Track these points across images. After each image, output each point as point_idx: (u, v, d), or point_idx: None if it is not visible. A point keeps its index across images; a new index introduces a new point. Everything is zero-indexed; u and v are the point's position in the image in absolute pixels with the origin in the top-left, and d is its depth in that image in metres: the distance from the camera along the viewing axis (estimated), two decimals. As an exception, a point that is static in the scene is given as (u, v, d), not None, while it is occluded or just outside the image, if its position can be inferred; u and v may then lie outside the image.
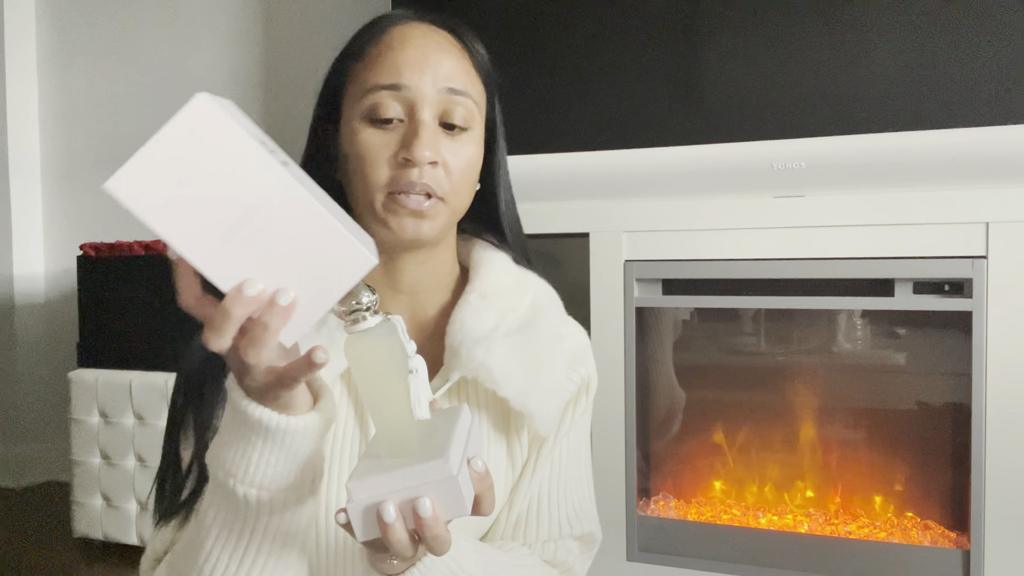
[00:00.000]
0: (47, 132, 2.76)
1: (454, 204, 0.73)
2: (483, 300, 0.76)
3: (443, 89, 0.71)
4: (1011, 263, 1.39)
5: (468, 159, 0.73)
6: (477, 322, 0.74)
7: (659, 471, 1.76)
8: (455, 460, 0.52)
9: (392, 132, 0.70)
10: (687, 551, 1.62)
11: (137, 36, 2.61)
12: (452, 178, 0.71)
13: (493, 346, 0.73)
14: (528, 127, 1.71)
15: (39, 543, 2.15)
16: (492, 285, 0.77)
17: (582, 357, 0.81)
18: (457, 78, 0.72)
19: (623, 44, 1.67)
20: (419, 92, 0.70)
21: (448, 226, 0.74)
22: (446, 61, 0.72)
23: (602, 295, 1.64)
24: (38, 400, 2.71)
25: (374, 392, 0.55)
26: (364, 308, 0.53)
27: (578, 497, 0.81)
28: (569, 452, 0.80)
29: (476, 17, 1.80)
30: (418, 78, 0.70)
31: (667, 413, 1.74)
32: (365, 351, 0.54)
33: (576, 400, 0.80)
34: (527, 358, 0.74)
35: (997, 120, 1.42)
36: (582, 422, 0.82)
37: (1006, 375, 1.39)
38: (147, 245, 2.06)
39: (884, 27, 1.49)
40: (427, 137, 0.69)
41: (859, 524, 1.58)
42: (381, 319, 0.54)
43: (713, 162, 1.59)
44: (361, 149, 0.70)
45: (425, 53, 0.71)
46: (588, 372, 0.81)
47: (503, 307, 0.77)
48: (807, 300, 1.54)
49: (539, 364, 0.74)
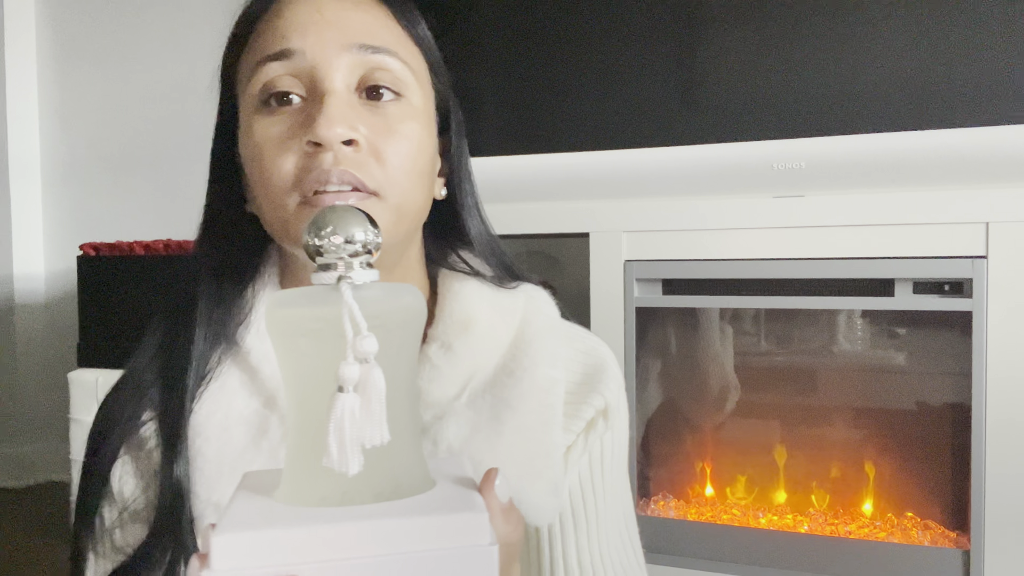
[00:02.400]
0: (47, 132, 2.76)
1: (396, 202, 0.53)
2: (447, 354, 0.57)
3: (353, 47, 0.52)
4: (1011, 263, 1.39)
5: (407, 139, 0.53)
6: (437, 390, 0.56)
7: (659, 471, 1.76)
8: (480, 516, 0.31)
9: (291, 116, 0.52)
10: (687, 551, 1.62)
11: (137, 36, 2.61)
12: (386, 164, 0.52)
13: (447, 425, 0.54)
14: (528, 127, 1.71)
15: (39, 543, 2.15)
16: (460, 328, 0.58)
17: (593, 383, 0.61)
18: (373, 33, 0.54)
19: (623, 44, 1.66)
20: (317, 55, 0.52)
21: (395, 239, 0.54)
22: (352, 13, 0.54)
23: (602, 295, 1.64)
24: (38, 400, 2.71)
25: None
26: (364, 250, 0.35)
27: (615, 555, 0.61)
28: (593, 498, 0.60)
29: (476, 17, 1.80)
30: (314, 39, 0.52)
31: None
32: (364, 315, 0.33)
33: (590, 427, 0.60)
34: (498, 433, 0.55)
35: (997, 120, 1.42)
36: (598, 453, 0.60)
37: (1006, 375, 1.39)
38: (147, 245, 2.06)
39: (884, 27, 1.49)
40: (336, 108, 0.50)
41: (859, 524, 1.58)
42: (375, 275, 0.36)
43: (713, 162, 1.59)
44: (255, 147, 0.53)
45: (319, 7, 0.53)
46: (604, 399, 0.60)
47: (474, 359, 0.58)
48: (807, 300, 1.54)
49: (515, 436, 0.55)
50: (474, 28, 1.82)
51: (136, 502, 0.56)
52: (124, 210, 2.66)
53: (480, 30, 1.82)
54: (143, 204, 2.63)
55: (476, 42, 1.80)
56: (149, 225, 2.59)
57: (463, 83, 0.69)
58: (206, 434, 0.54)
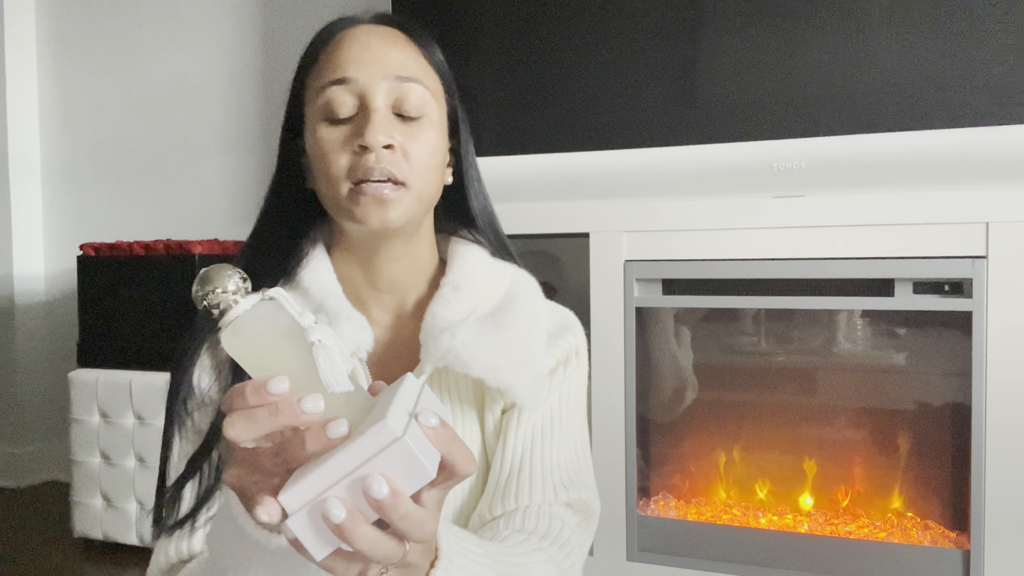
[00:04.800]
0: (47, 132, 2.76)
1: (418, 189, 0.73)
2: (455, 292, 0.77)
3: (392, 78, 0.72)
4: (1011, 263, 1.39)
5: (427, 143, 0.73)
6: (447, 312, 0.75)
7: (659, 471, 1.76)
8: (398, 421, 0.45)
9: (348, 126, 0.72)
10: (687, 551, 1.62)
11: (137, 36, 2.61)
12: (412, 162, 0.72)
13: (458, 330, 0.73)
14: (528, 127, 1.71)
15: (39, 543, 2.15)
16: (465, 277, 0.78)
17: (564, 331, 0.82)
18: (405, 67, 0.73)
19: (623, 44, 1.67)
20: (367, 82, 0.71)
21: (416, 215, 0.75)
22: (393, 52, 0.74)
23: (602, 295, 1.64)
24: (38, 400, 2.71)
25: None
26: (231, 293, 0.48)
27: (569, 463, 0.81)
28: (560, 415, 0.80)
29: (477, 19, 1.80)
30: (365, 70, 0.72)
31: (676, 396, 1.74)
32: (244, 342, 0.47)
33: (563, 364, 0.81)
34: (498, 337, 0.74)
35: (997, 120, 1.42)
36: (567, 387, 0.81)
37: (1006, 375, 1.39)
38: (147, 245, 2.06)
39: (884, 27, 1.49)
40: (379, 122, 0.70)
41: (859, 524, 1.58)
42: (256, 299, 0.48)
43: (713, 162, 1.59)
44: (320, 146, 0.72)
45: (370, 46, 0.73)
46: (573, 342, 0.81)
47: (475, 298, 0.78)
48: (807, 300, 1.54)
49: (510, 340, 0.75)
50: (474, 28, 1.82)
51: (211, 391, 0.72)
52: (124, 210, 2.66)
53: (480, 30, 1.82)
54: (143, 204, 2.63)
55: (476, 42, 1.80)
56: (149, 225, 2.60)
57: (463, 83, 0.80)
58: None
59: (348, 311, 0.74)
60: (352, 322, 0.73)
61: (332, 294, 0.75)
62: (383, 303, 0.79)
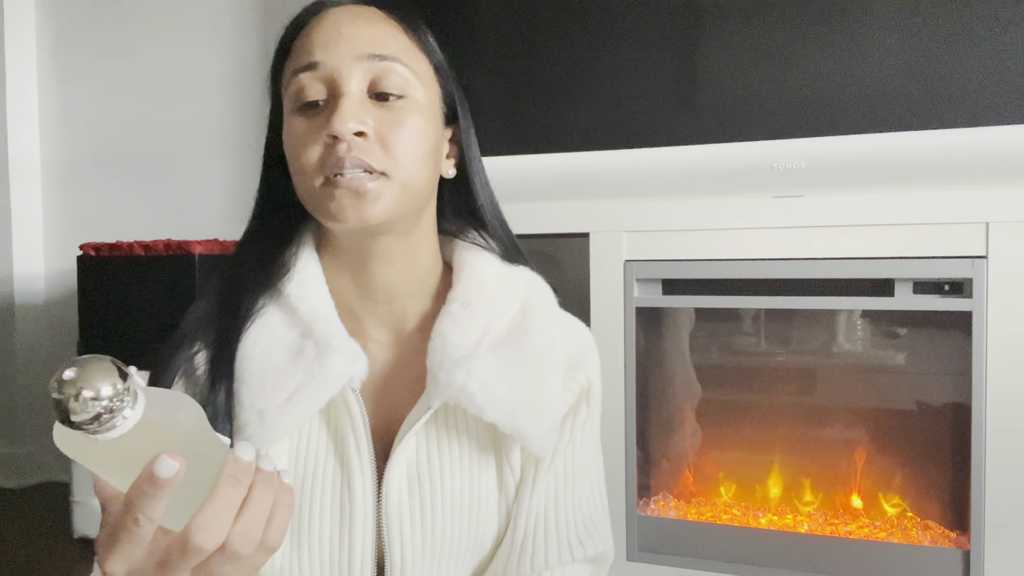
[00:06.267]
0: (47, 132, 2.76)
1: (402, 179, 0.65)
2: (466, 310, 0.69)
3: (364, 56, 0.65)
4: (1011, 263, 1.39)
5: (410, 128, 0.65)
6: (459, 337, 0.68)
7: (659, 471, 1.76)
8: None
9: (319, 116, 0.65)
10: (687, 551, 1.62)
11: (137, 37, 2.61)
12: (392, 150, 0.64)
13: (475, 366, 0.66)
14: (528, 127, 1.71)
15: (39, 543, 2.15)
16: (476, 290, 0.71)
17: (581, 361, 0.74)
18: (381, 44, 0.66)
19: (623, 44, 1.67)
20: (336, 64, 0.64)
21: (404, 209, 0.66)
22: (365, 29, 0.66)
23: (602, 295, 1.64)
24: (38, 400, 2.71)
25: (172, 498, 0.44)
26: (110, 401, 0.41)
27: (587, 514, 0.75)
28: (573, 466, 0.74)
29: (477, 18, 1.80)
30: (333, 52, 0.64)
31: (681, 405, 1.74)
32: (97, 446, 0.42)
33: (576, 410, 0.74)
34: (516, 373, 0.67)
35: (997, 120, 1.42)
36: (585, 432, 0.75)
37: (1006, 375, 1.39)
38: (147, 245, 2.06)
39: (884, 27, 1.49)
40: (347, 108, 0.62)
41: (859, 524, 1.58)
42: (142, 403, 0.43)
43: (713, 162, 1.59)
44: (290, 139, 0.66)
45: (338, 26, 0.66)
46: (588, 377, 0.74)
47: (489, 316, 0.70)
48: (807, 300, 1.54)
49: (530, 379, 0.68)
50: (474, 28, 1.82)
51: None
52: (124, 210, 2.66)
53: (480, 30, 1.82)
54: (143, 204, 2.63)
55: (476, 42, 1.80)
56: (149, 225, 2.60)
57: (463, 83, 0.76)
58: (252, 355, 0.66)
59: (340, 340, 0.66)
60: (343, 353, 0.65)
61: (323, 316, 0.68)
62: (379, 316, 0.72)
